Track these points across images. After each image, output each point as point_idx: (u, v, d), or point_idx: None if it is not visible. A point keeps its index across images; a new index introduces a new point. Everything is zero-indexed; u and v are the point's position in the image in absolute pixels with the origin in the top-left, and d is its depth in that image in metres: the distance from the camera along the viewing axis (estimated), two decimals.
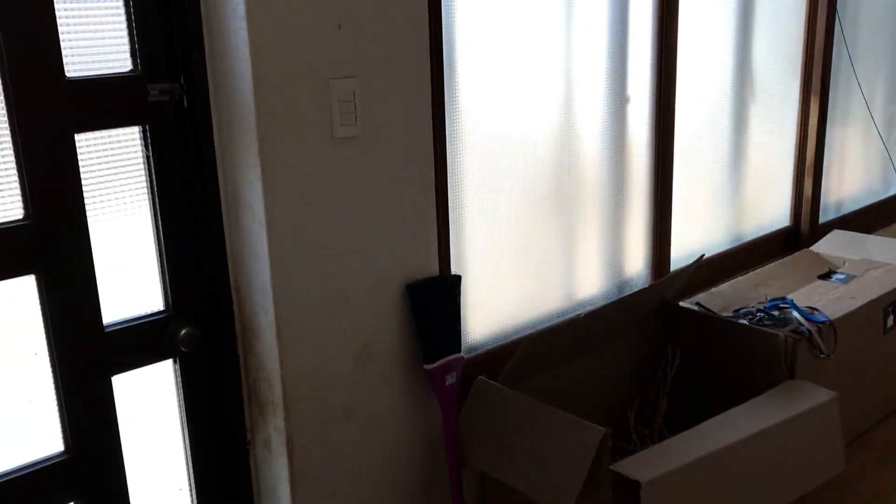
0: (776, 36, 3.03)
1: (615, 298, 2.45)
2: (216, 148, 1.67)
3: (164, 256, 1.69)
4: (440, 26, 1.96)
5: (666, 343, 2.49)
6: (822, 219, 3.39)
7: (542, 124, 2.30)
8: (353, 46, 1.70)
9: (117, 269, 1.63)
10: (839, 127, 3.39)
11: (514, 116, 2.22)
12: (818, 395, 2.07)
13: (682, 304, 2.53)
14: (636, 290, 2.62)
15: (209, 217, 1.69)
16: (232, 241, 1.72)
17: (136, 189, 1.64)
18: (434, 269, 1.95)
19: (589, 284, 2.57)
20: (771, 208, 3.24)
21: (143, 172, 1.64)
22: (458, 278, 1.99)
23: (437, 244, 1.96)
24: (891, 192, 3.74)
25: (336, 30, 1.67)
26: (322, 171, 1.69)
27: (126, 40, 1.59)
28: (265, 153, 1.60)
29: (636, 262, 2.70)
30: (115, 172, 1.61)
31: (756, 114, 3.04)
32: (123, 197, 1.63)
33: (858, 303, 2.46)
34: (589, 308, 2.50)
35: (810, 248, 3.04)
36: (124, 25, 1.58)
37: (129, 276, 1.66)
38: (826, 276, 2.74)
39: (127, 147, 1.62)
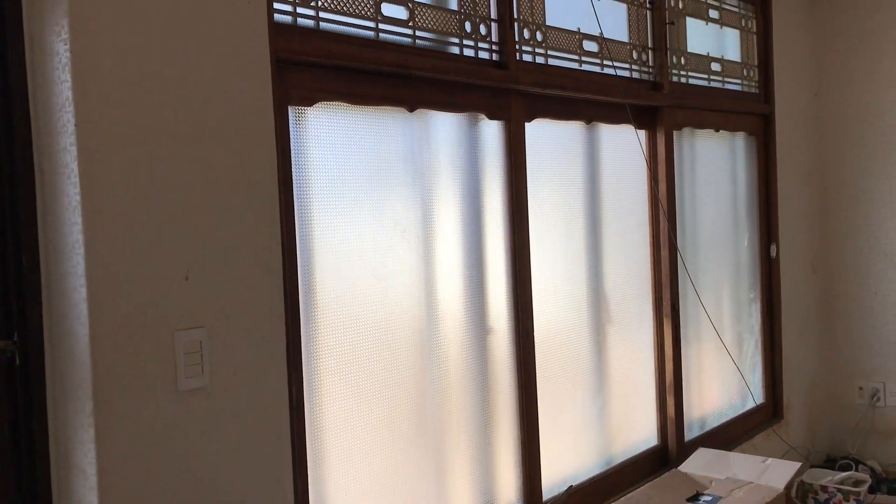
0: (625, 263, 3.23)
1: None
2: (49, 408, 1.57)
3: None
4: (296, 272, 1.98)
5: None
6: (688, 436, 3.46)
7: (406, 358, 2.31)
8: (202, 296, 1.69)
9: None
10: (693, 345, 3.56)
11: (376, 354, 2.22)
12: None
13: None
14: None
15: (37, 485, 1.56)
16: None
17: None
18: None
19: None
20: (638, 428, 3.30)
21: None
22: None
23: (293, 496, 1.86)
24: (748, 406, 3.89)
25: (184, 281, 1.66)
26: (164, 427, 1.61)
27: None
28: (100, 412, 1.51)
29: (508, 496, 2.64)
30: None
31: (614, 336, 3.17)
32: None
33: None
34: None
35: (678, 468, 3.08)
36: None
37: None
38: (694, 498, 2.76)
39: None
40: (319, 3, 2.05)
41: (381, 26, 2.21)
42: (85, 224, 1.51)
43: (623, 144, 3.17)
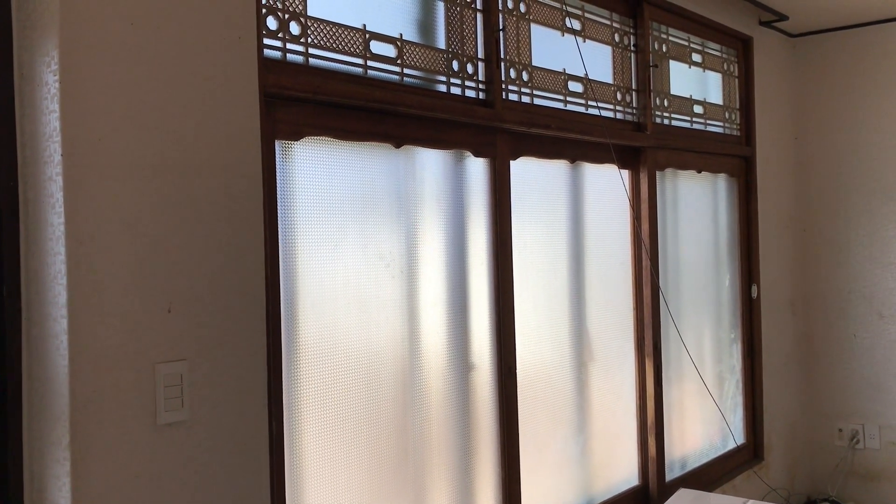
0: (608, 302, 3.24)
1: None
2: (24, 439, 1.55)
3: None
4: (279, 305, 1.97)
5: None
6: (668, 476, 3.45)
7: (387, 393, 2.30)
8: (184, 329, 1.68)
9: None
10: (675, 385, 3.56)
11: (357, 388, 2.21)
12: None
13: None
14: None
15: None
16: None
17: None
18: None
19: None
20: (619, 468, 3.29)
21: None
22: None
23: None
24: (729, 447, 3.89)
25: (166, 313, 1.65)
26: (141, 461, 1.59)
27: None
28: (76, 445, 1.49)
29: None
30: None
31: (596, 374, 3.17)
32: None
33: None
34: None
35: None
36: None
37: None
38: None
39: None
40: (309, 40, 2.07)
41: (370, 63, 2.23)
42: (68, 254, 1.51)
43: (606, 184, 3.19)
